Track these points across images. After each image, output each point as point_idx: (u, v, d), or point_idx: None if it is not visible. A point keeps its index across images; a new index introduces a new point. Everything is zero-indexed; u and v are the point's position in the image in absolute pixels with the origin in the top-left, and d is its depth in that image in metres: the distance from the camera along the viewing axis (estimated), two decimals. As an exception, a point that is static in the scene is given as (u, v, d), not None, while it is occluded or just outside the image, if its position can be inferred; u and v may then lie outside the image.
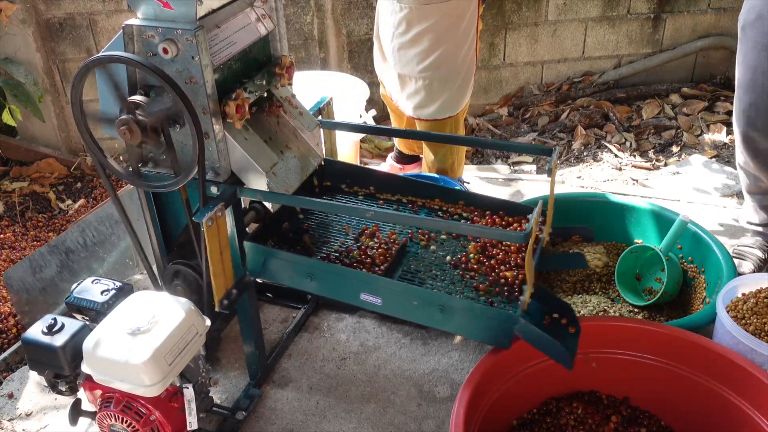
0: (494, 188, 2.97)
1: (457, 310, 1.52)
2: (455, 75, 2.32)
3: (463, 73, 2.33)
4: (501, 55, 3.74)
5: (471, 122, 3.78)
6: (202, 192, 1.53)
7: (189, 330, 1.53)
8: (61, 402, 1.93)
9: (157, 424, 1.54)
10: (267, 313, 2.21)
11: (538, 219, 1.52)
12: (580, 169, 3.29)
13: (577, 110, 3.74)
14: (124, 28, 1.44)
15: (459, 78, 2.32)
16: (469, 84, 2.38)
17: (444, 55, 2.26)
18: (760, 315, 1.68)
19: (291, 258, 1.64)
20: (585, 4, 3.65)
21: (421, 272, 1.70)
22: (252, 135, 1.62)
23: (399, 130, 2.53)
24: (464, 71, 2.33)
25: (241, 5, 1.61)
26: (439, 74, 2.29)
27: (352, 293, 1.61)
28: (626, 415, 1.67)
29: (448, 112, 2.39)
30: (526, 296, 1.55)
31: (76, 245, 2.38)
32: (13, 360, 2.13)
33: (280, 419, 1.83)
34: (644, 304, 2.05)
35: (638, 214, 2.24)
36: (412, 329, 2.10)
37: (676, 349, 1.61)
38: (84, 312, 1.68)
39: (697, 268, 2.09)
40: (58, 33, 3.37)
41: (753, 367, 1.50)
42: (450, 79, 2.31)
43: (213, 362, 2.01)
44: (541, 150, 1.77)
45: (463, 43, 2.26)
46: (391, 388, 1.91)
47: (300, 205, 1.78)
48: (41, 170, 3.44)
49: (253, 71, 1.66)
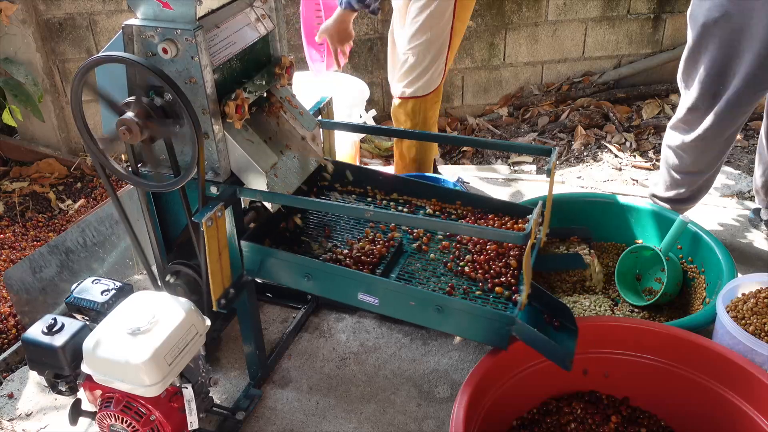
0: (494, 188, 2.96)
1: (455, 311, 1.52)
2: (439, 53, 2.49)
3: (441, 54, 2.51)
4: (501, 55, 3.74)
5: (471, 122, 3.79)
6: (202, 192, 1.53)
7: (189, 330, 1.53)
8: (61, 402, 1.93)
9: (157, 424, 1.54)
10: (267, 313, 2.21)
11: (537, 220, 1.52)
12: (580, 169, 3.29)
13: (577, 110, 3.74)
14: (124, 28, 1.44)
15: (440, 54, 2.49)
16: (443, 64, 2.53)
17: (431, 37, 2.45)
18: (760, 315, 1.68)
19: (288, 258, 1.64)
20: (585, 4, 3.64)
21: (418, 272, 1.70)
22: (252, 135, 1.62)
23: (399, 131, 2.53)
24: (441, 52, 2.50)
25: (240, 5, 1.61)
26: (425, 46, 2.47)
27: (349, 293, 1.61)
28: (626, 415, 1.67)
29: (430, 87, 2.53)
30: (524, 297, 1.55)
31: (76, 245, 2.38)
32: (13, 360, 2.13)
33: (280, 419, 1.83)
34: (644, 304, 2.05)
35: (638, 214, 2.24)
36: (412, 329, 2.10)
37: (676, 349, 1.61)
38: (84, 312, 1.68)
39: (697, 268, 2.09)
40: (58, 33, 3.37)
41: (753, 367, 1.50)
42: (432, 52, 2.47)
43: (213, 362, 2.01)
44: (540, 150, 1.77)
45: (445, 29, 2.45)
46: (391, 388, 1.91)
47: (300, 205, 1.77)
48: (41, 170, 3.43)
49: (252, 71, 1.66)
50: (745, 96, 2.02)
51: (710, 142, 2.14)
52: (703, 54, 2.03)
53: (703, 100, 2.09)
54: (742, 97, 2.02)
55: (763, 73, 1.96)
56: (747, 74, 1.96)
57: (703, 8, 1.98)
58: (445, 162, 3.51)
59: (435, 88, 2.53)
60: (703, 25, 1.99)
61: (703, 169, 2.25)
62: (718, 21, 1.94)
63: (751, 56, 1.93)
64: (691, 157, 2.22)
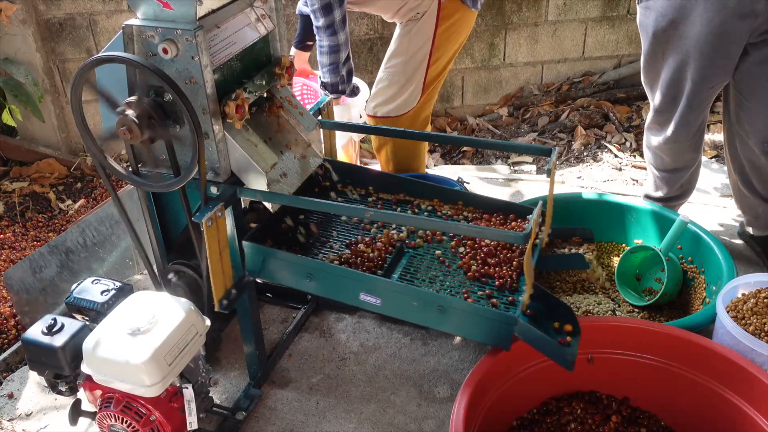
0: (494, 188, 2.96)
1: (457, 311, 1.52)
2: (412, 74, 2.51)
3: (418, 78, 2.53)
4: (501, 55, 3.74)
5: (471, 122, 3.79)
6: (203, 192, 1.53)
7: (189, 330, 1.53)
8: (61, 402, 1.93)
9: (157, 424, 1.54)
10: (267, 313, 2.21)
11: (537, 220, 1.52)
12: (580, 169, 3.29)
13: (577, 110, 3.74)
14: (124, 28, 1.44)
15: (413, 79, 2.52)
16: (419, 88, 2.54)
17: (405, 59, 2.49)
18: (760, 315, 1.68)
19: (290, 258, 1.64)
20: (585, 4, 3.65)
21: (420, 273, 1.70)
22: (252, 135, 1.62)
23: (399, 131, 2.53)
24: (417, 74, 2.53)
25: (241, 5, 1.61)
26: (400, 68, 2.50)
27: (351, 294, 1.61)
28: (626, 415, 1.67)
29: (405, 108, 2.55)
30: (526, 297, 1.55)
31: (76, 245, 2.38)
32: (13, 360, 2.13)
33: (280, 419, 1.83)
34: (644, 304, 2.05)
35: (638, 214, 2.24)
36: (412, 329, 2.10)
37: (676, 349, 1.61)
38: (84, 312, 1.68)
39: (697, 268, 2.09)
40: (58, 33, 3.38)
41: (753, 367, 1.50)
42: (406, 75, 2.50)
43: (213, 362, 2.01)
44: (540, 150, 1.77)
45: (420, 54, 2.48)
46: (391, 388, 1.91)
47: (300, 205, 1.77)
48: (41, 170, 3.43)
49: (253, 71, 1.66)
50: (702, 94, 2.08)
51: (681, 141, 2.19)
52: (659, 61, 2.10)
53: (665, 104, 2.15)
54: (699, 96, 2.08)
55: (712, 71, 2.02)
56: (699, 75, 2.02)
57: (651, 18, 2.04)
58: (445, 162, 3.51)
59: (410, 109, 2.55)
60: (653, 34, 2.05)
61: (682, 166, 2.29)
62: (667, 30, 2.00)
63: (699, 58, 1.99)
64: (669, 157, 2.27)
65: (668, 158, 2.28)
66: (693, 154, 2.26)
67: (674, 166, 2.30)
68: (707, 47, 1.95)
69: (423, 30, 2.41)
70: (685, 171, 2.31)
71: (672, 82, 2.09)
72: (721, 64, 2.00)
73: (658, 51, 2.08)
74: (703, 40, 1.95)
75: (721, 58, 1.98)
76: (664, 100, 2.15)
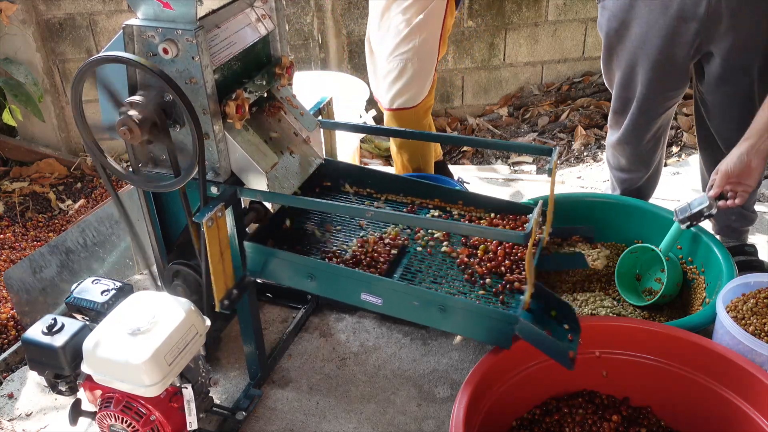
0: (494, 188, 2.97)
1: (458, 311, 1.52)
2: (428, 61, 2.42)
3: (431, 63, 2.44)
4: (501, 55, 3.74)
5: (471, 122, 3.79)
6: (203, 192, 1.53)
7: (189, 330, 1.53)
8: (61, 402, 1.93)
9: (157, 424, 1.54)
10: (267, 313, 2.21)
11: (538, 219, 1.52)
12: (580, 169, 3.29)
13: (577, 110, 3.74)
14: (124, 28, 1.44)
15: (428, 66, 2.42)
16: (430, 74, 2.46)
17: (419, 43, 2.38)
18: (760, 315, 1.68)
19: (291, 258, 1.64)
20: (585, 4, 3.65)
21: (421, 272, 1.70)
22: (252, 135, 1.62)
23: (398, 131, 2.53)
24: (430, 61, 2.43)
25: (241, 5, 1.61)
26: (414, 53, 2.39)
27: (352, 293, 1.61)
28: (626, 415, 1.66)
29: (418, 98, 2.46)
30: (527, 296, 1.55)
31: (76, 245, 2.38)
32: (13, 360, 2.13)
33: (280, 419, 1.83)
34: (644, 304, 2.05)
35: (638, 214, 2.24)
36: (412, 329, 2.10)
37: (676, 349, 1.61)
38: (84, 312, 1.68)
39: (697, 268, 2.09)
40: (58, 33, 3.38)
41: (753, 367, 1.50)
42: (421, 59, 2.40)
43: (213, 362, 2.01)
44: (541, 150, 1.77)
45: (435, 35, 2.39)
46: (391, 388, 1.91)
47: (300, 205, 1.78)
48: (41, 170, 3.44)
49: (253, 71, 1.66)
50: (651, 102, 2.09)
51: (633, 145, 2.22)
52: (613, 62, 2.11)
53: (619, 105, 2.18)
54: (649, 101, 2.09)
55: (660, 79, 2.02)
56: (648, 80, 2.03)
57: (605, 18, 2.05)
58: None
59: (425, 97, 2.47)
60: (606, 35, 2.06)
61: (635, 169, 2.31)
62: (618, 30, 2.01)
63: (646, 59, 1.99)
64: (623, 157, 2.30)
65: (623, 159, 2.30)
66: (645, 160, 2.28)
67: (628, 167, 2.32)
68: (652, 49, 1.96)
69: (434, 8, 2.33)
70: (637, 174, 2.33)
71: (624, 83, 2.10)
72: (669, 69, 2.00)
73: (612, 52, 2.09)
74: (649, 42, 1.96)
75: (667, 62, 1.98)
76: (618, 102, 2.17)
